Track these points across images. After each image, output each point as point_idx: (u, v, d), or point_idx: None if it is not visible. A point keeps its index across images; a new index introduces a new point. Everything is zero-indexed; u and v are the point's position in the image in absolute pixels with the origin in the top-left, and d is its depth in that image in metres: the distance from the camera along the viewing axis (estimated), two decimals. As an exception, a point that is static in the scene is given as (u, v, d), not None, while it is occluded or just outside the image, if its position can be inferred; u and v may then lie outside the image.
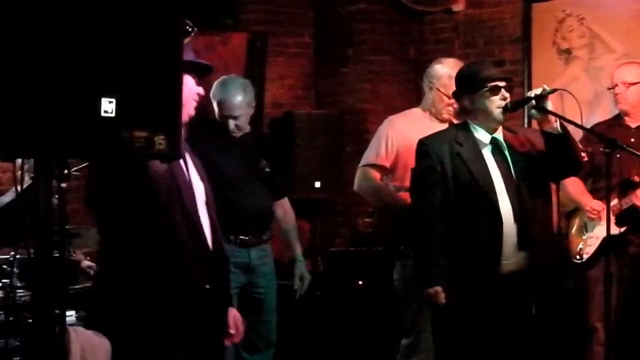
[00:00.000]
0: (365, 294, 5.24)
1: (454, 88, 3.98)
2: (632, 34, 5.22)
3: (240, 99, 4.14)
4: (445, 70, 4.19)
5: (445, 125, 4.13)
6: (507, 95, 3.44)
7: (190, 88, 2.98)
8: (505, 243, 3.37)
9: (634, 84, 4.31)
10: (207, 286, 2.89)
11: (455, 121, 4.13)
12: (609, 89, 4.47)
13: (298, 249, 4.42)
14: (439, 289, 3.39)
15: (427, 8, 6.19)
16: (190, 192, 2.93)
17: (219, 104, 4.19)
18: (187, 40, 2.99)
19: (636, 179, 4.08)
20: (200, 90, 3.03)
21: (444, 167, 3.45)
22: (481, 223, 3.38)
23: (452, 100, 4.05)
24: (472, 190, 3.41)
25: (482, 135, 3.49)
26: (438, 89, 4.18)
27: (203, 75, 3.07)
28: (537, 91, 3.39)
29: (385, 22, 6.35)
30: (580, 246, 4.32)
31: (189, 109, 2.99)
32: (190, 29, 3.72)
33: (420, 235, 3.49)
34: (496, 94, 3.43)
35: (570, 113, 3.53)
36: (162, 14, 2.42)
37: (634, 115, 4.36)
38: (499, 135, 3.52)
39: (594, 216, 4.28)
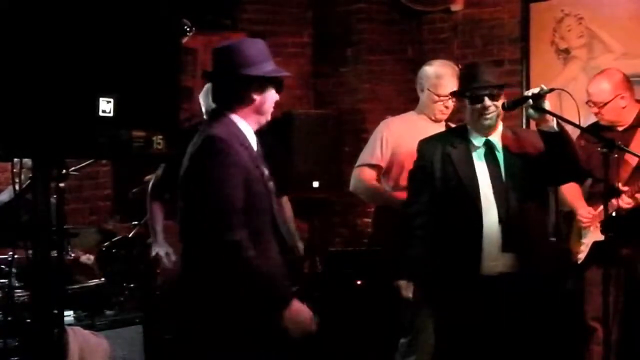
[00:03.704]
0: (364, 294, 5.24)
1: (442, 86, 4.09)
2: (630, 34, 5.22)
3: None
4: (433, 69, 4.23)
5: (441, 126, 4.16)
6: (487, 104, 3.43)
7: (273, 99, 3.06)
8: (487, 244, 3.38)
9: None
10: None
11: (452, 123, 4.17)
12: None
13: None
14: (403, 283, 3.53)
15: (425, 8, 6.19)
16: (273, 200, 3.02)
17: (206, 110, 4.17)
18: (264, 50, 3.08)
19: (619, 185, 4.02)
20: (277, 97, 3.10)
21: (433, 167, 3.50)
22: (463, 224, 3.41)
23: (443, 98, 4.09)
24: (456, 191, 3.45)
25: (476, 138, 3.52)
26: (428, 89, 4.21)
27: (282, 85, 3.13)
28: (534, 90, 3.38)
29: (384, 22, 6.35)
30: (578, 248, 4.31)
31: (266, 118, 3.09)
32: (188, 29, 3.73)
33: (402, 229, 3.56)
34: (478, 103, 3.44)
35: (569, 113, 3.53)
36: (161, 14, 2.42)
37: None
38: (496, 137, 3.52)
39: (584, 224, 4.27)
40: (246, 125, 3.00)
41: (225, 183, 2.80)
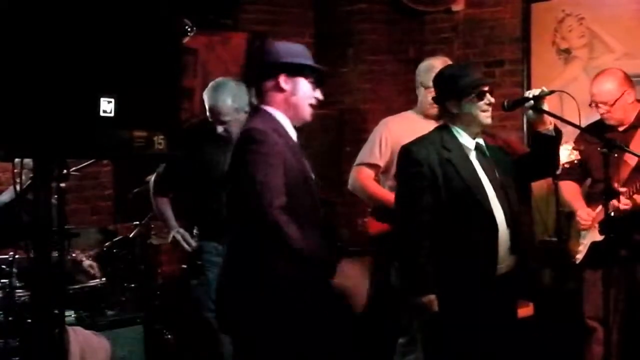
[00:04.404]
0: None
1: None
2: (631, 34, 5.22)
3: (229, 104, 4.06)
4: (425, 63, 4.26)
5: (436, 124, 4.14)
6: (492, 100, 3.42)
7: (305, 92, 3.04)
8: (500, 248, 3.34)
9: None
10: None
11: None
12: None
13: None
14: (432, 297, 3.31)
15: (427, 8, 6.19)
16: (314, 192, 3.07)
17: (209, 108, 4.17)
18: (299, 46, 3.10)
19: (616, 186, 4.01)
20: (318, 94, 3.08)
21: (434, 173, 3.36)
22: (477, 229, 3.33)
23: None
24: (465, 197, 3.35)
25: (466, 139, 3.44)
26: (423, 85, 4.21)
27: (321, 82, 3.11)
28: (535, 92, 3.37)
29: (385, 22, 6.35)
30: (578, 249, 4.32)
31: (302, 112, 3.07)
32: (189, 29, 3.72)
33: (410, 242, 3.37)
34: (482, 99, 3.41)
35: (569, 113, 3.53)
36: (162, 14, 2.43)
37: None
38: (480, 139, 3.49)
39: (582, 225, 4.27)
40: (283, 117, 3.04)
41: (264, 168, 2.84)
